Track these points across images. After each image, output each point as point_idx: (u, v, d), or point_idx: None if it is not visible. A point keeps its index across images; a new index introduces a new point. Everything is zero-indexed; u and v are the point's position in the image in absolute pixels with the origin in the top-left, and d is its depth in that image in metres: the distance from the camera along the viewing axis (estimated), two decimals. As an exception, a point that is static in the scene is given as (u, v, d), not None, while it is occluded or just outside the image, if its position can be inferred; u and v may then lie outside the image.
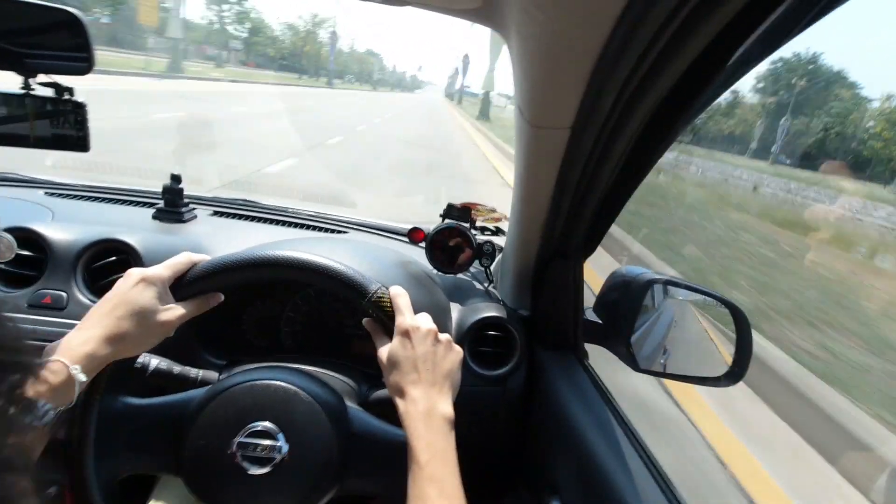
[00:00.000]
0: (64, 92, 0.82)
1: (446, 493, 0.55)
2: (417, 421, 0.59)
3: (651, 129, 0.64)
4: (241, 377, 0.65)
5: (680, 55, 0.51)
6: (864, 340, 3.48)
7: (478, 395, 0.92)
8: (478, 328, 0.94)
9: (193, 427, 0.61)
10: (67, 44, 0.80)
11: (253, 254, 0.66)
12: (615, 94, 0.56)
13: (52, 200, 1.20)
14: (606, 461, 0.71)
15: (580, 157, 0.68)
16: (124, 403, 0.63)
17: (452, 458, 0.58)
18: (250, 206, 1.32)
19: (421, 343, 0.63)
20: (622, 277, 0.88)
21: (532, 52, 0.55)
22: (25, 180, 1.32)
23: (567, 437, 0.80)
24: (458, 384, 0.66)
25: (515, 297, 1.02)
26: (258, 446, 0.60)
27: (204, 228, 1.17)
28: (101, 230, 0.97)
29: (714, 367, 0.83)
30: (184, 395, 0.66)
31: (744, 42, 0.50)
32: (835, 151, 25.29)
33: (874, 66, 38.12)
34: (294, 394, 0.63)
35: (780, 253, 6.45)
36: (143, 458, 0.64)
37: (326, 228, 1.27)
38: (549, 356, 0.94)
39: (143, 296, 0.60)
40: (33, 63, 0.79)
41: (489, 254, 1.08)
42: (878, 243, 8.88)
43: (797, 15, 0.47)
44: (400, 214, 3.38)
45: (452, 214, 1.10)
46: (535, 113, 0.63)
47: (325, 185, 5.90)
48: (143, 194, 1.29)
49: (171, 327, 0.62)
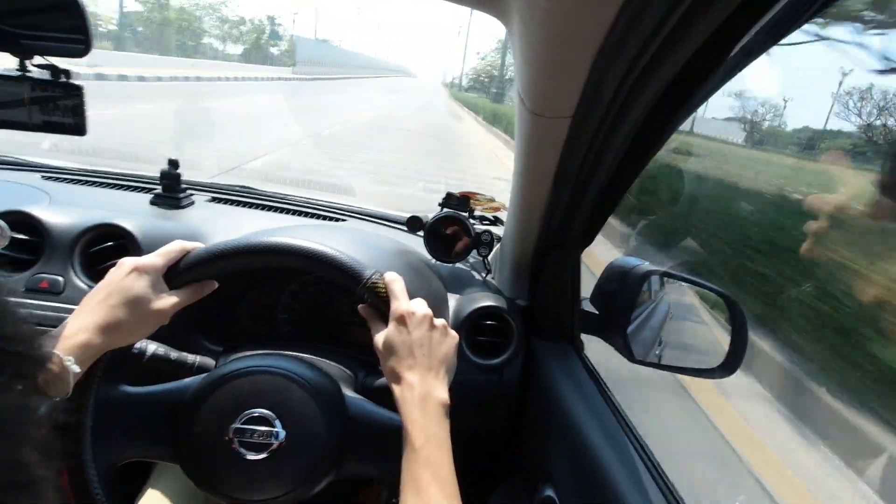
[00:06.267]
0: (61, 74, 0.81)
1: (440, 477, 0.55)
2: (413, 406, 0.59)
3: (651, 120, 0.64)
4: (237, 364, 0.65)
5: (682, 45, 0.51)
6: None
7: (474, 385, 0.93)
8: (475, 317, 0.94)
9: (190, 414, 0.62)
10: (64, 25, 0.79)
11: (246, 241, 0.66)
12: (617, 83, 0.56)
13: (49, 184, 1.19)
14: (600, 450, 0.72)
15: (580, 146, 0.68)
16: (121, 391, 0.64)
17: (447, 443, 0.58)
18: (248, 193, 1.32)
19: (417, 328, 0.63)
20: (619, 268, 0.88)
21: (534, 39, 0.54)
22: (21, 164, 1.31)
23: (562, 427, 0.81)
24: (453, 369, 0.66)
25: (513, 286, 1.02)
26: (255, 432, 0.60)
27: (201, 214, 1.16)
28: (99, 215, 0.97)
29: (709, 358, 0.83)
30: (180, 382, 0.66)
31: (746, 33, 0.50)
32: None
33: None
34: (290, 380, 0.64)
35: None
36: (141, 446, 0.64)
37: (324, 216, 1.27)
38: (545, 346, 0.95)
39: (136, 284, 0.60)
40: (29, 44, 0.78)
41: (487, 243, 1.08)
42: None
43: (800, 6, 0.46)
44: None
45: (451, 203, 1.10)
46: (537, 101, 0.63)
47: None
48: (140, 179, 1.28)
49: (166, 316, 0.62)
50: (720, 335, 0.89)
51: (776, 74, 4.51)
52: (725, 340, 0.81)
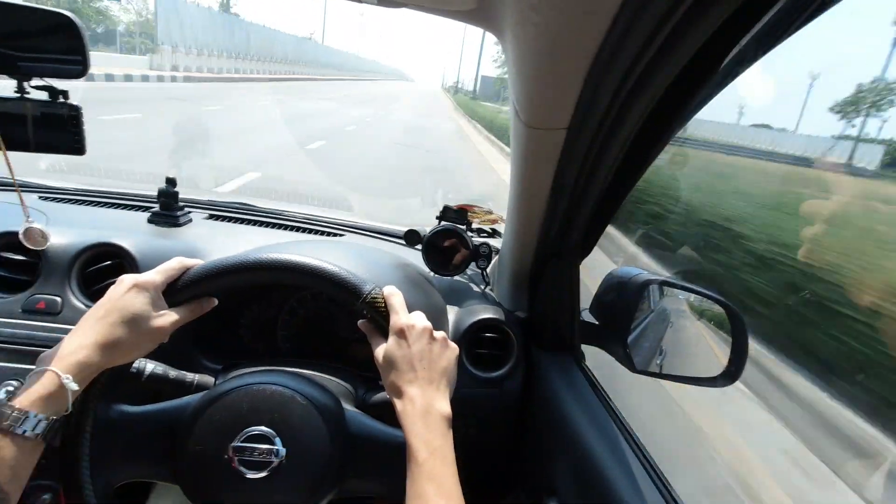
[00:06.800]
0: (59, 95, 0.82)
1: (444, 490, 0.55)
2: (415, 419, 0.58)
3: (647, 130, 0.64)
4: (236, 381, 0.64)
5: (675, 55, 0.51)
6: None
7: (475, 398, 0.92)
8: (475, 330, 0.94)
9: (189, 433, 0.61)
10: (62, 47, 0.80)
11: (245, 257, 0.66)
12: (611, 94, 0.57)
13: (46, 205, 1.19)
14: (604, 462, 0.71)
15: (576, 157, 0.68)
16: (119, 411, 0.63)
17: (450, 456, 0.58)
18: (246, 210, 1.32)
19: (416, 341, 0.63)
20: (618, 278, 0.88)
21: (527, 53, 0.55)
22: (18, 184, 1.31)
23: (564, 439, 0.80)
24: (454, 381, 0.66)
25: (512, 298, 1.02)
26: (255, 450, 0.59)
27: (199, 232, 1.16)
28: (96, 234, 0.97)
29: (710, 367, 0.83)
30: (179, 401, 0.65)
31: (738, 42, 0.51)
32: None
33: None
34: (290, 397, 0.63)
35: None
36: (140, 466, 0.63)
37: (322, 231, 1.27)
38: (546, 358, 0.94)
39: (135, 302, 0.59)
40: (28, 66, 0.79)
41: (485, 255, 1.08)
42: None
43: (791, 15, 0.47)
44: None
45: (449, 216, 1.10)
46: (532, 114, 0.64)
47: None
48: (137, 198, 1.28)
49: (165, 333, 0.62)
50: (720, 343, 0.89)
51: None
52: (726, 349, 0.81)
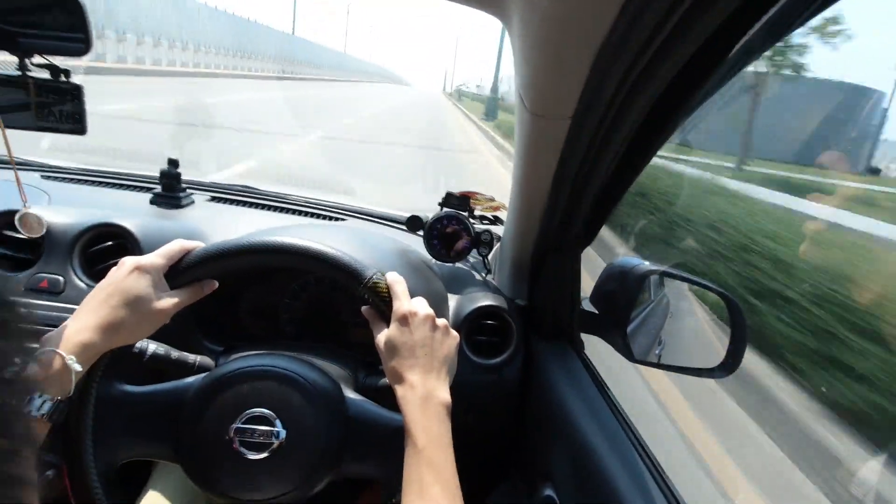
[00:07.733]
0: (60, 73, 0.81)
1: (442, 477, 0.55)
2: (415, 406, 0.59)
3: (651, 121, 0.64)
4: (238, 364, 0.65)
5: (682, 45, 0.51)
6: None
7: (474, 384, 0.93)
8: (475, 317, 0.94)
9: (191, 414, 0.62)
10: (64, 24, 0.79)
11: (247, 240, 0.66)
12: (617, 83, 0.56)
13: (48, 184, 1.19)
14: (600, 450, 0.72)
15: (580, 146, 0.68)
16: (122, 391, 0.64)
17: (449, 443, 0.59)
18: (248, 192, 1.32)
19: (418, 328, 0.63)
20: (619, 268, 0.89)
21: (534, 39, 0.54)
22: (20, 163, 1.31)
23: (562, 426, 0.81)
24: (454, 369, 0.66)
25: (513, 286, 1.02)
26: (255, 432, 0.60)
27: (201, 214, 1.16)
28: (99, 214, 0.97)
29: (709, 357, 0.83)
30: (181, 382, 0.66)
31: (746, 33, 0.50)
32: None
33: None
34: (291, 380, 0.64)
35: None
36: (141, 445, 0.64)
37: (325, 215, 1.27)
38: (545, 346, 0.95)
39: (137, 284, 0.60)
40: (28, 43, 0.78)
41: (487, 243, 1.08)
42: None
43: (800, 6, 0.46)
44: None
45: (451, 203, 1.09)
46: (537, 101, 0.63)
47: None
48: (140, 179, 1.28)
49: (167, 315, 0.62)
50: (719, 334, 0.89)
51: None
52: (724, 340, 0.81)
